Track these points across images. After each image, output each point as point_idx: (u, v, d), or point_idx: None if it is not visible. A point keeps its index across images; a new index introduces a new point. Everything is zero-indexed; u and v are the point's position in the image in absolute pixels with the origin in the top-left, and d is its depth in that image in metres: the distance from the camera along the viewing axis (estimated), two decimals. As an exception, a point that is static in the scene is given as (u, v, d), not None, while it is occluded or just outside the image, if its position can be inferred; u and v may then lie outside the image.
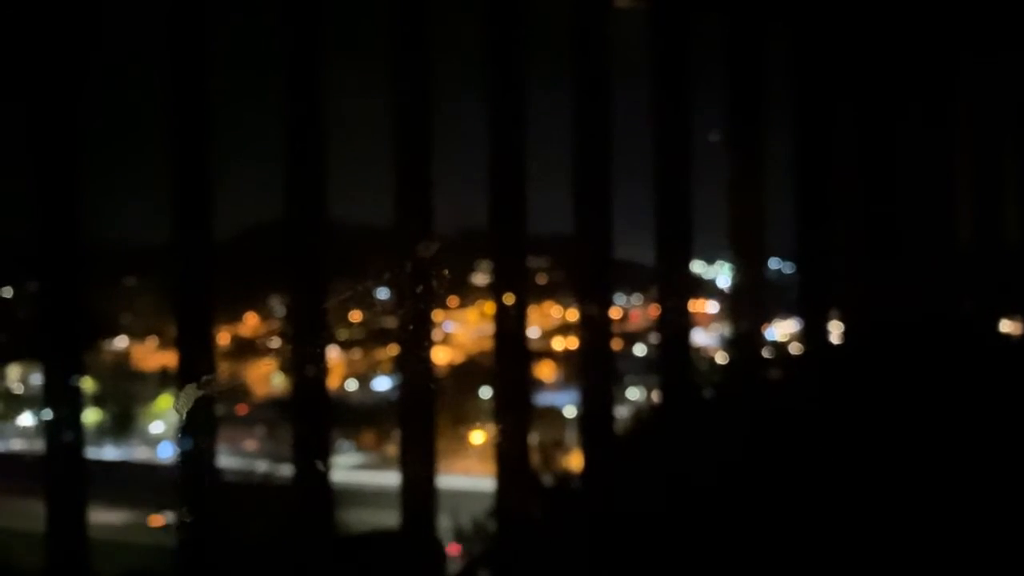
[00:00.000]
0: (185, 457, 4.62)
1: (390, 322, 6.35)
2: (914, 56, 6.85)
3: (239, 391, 7.33)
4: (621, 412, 6.90)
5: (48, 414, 5.06)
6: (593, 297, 6.19)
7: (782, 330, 7.58)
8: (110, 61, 5.67)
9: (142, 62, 5.85)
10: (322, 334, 5.59)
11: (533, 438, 6.32)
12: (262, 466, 7.11)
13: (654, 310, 7.23)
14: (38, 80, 5.00)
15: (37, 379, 6.76)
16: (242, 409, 7.58)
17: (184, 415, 2.72)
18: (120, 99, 6.27)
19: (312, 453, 5.41)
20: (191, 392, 2.71)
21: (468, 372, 7.53)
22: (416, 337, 5.29)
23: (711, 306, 7.91)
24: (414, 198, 5.50)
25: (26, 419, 7.19)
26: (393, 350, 7.07)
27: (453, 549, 5.56)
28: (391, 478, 5.79)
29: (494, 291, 5.95)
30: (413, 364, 5.54)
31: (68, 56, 5.02)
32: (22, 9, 4.98)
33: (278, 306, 7.29)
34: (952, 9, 6.87)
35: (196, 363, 5.02)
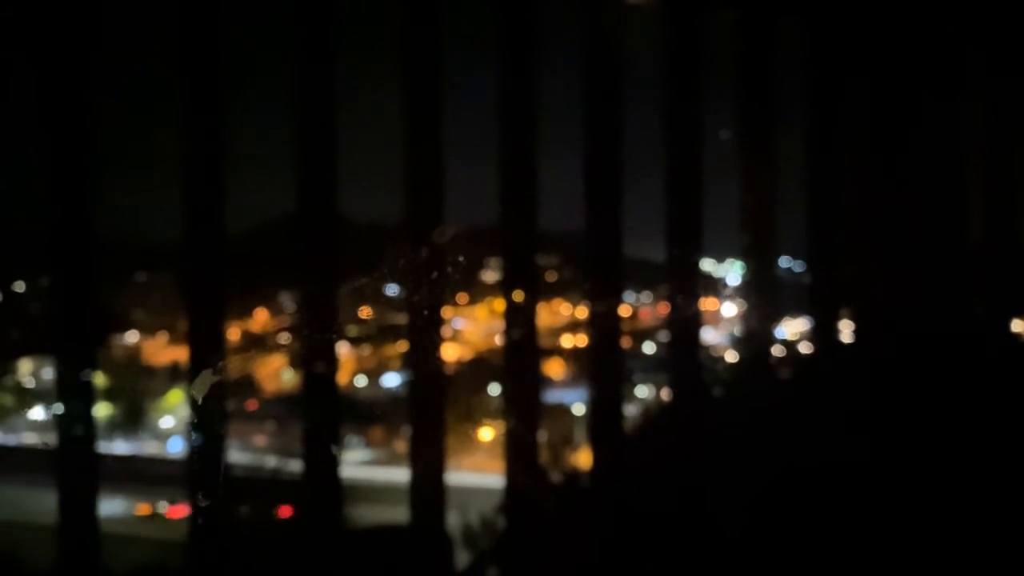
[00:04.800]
0: (196, 451, 4.64)
1: (400, 318, 6.36)
2: (928, 55, 6.84)
3: (249, 386, 7.35)
4: (630, 410, 6.90)
5: (60, 408, 5.08)
6: (603, 295, 6.20)
7: (792, 329, 7.57)
8: (123, 58, 5.70)
9: (155, 59, 5.87)
10: (332, 330, 5.60)
11: (542, 435, 6.33)
12: (272, 461, 7.13)
13: (664, 308, 7.23)
14: (52, 77, 5.03)
15: (49, 373, 6.78)
16: (252, 404, 7.59)
17: (199, 401, 2.74)
18: (133, 96, 6.29)
19: (322, 448, 5.43)
20: (207, 378, 2.72)
21: (477, 369, 7.52)
22: (426, 333, 5.30)
23: (721, 304, 7.90)
24: (425, 194, 5.51)
25: (38, 413, 7.22)
26: (403, 346, 7.08)
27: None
28: (400, 474, 5.81)
29: (504, 288, 5.96)
30: (423, 360, 5.55)
31: (81, 53, 5.05)
32: (34, 6, 5.01)
33: (288, 302, 7.30)
34: (966, 8, 6.86)
35: (207, 358, 5.04)
